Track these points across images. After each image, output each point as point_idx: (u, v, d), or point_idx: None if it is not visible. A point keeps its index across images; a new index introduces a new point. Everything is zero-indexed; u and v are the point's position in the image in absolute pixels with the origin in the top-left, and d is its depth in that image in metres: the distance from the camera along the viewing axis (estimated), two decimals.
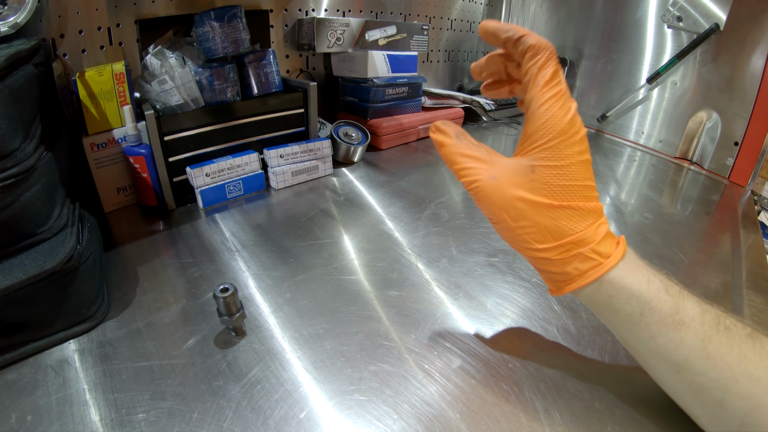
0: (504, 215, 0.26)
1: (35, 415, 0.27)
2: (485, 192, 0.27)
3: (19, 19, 0.43)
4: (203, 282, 0.40)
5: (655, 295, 0.25)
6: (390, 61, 0.78)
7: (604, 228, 0.27)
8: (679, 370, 0.25)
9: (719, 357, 0.23)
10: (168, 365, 0.31)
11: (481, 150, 0.28)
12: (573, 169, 0.26)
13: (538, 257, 0.27)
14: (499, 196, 0.26)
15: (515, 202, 0.26)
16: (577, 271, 0.26)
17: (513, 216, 0.26)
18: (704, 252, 0.51)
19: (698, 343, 0.24)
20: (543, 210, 0.26)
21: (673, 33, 0.82)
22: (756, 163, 0.70)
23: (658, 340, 0.25)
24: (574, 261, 0.26)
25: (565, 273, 0.26)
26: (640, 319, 0.25)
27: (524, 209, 0.26)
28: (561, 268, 0.26)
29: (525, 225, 0.26)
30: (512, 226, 0.27)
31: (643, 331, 0.25)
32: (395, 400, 0.28)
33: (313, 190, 0.61)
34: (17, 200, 0.30)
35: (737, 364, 0.23)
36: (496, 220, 0.27)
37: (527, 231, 0.26)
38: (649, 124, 0.90)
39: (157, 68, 0.52)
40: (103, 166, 0.50)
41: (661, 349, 0.25)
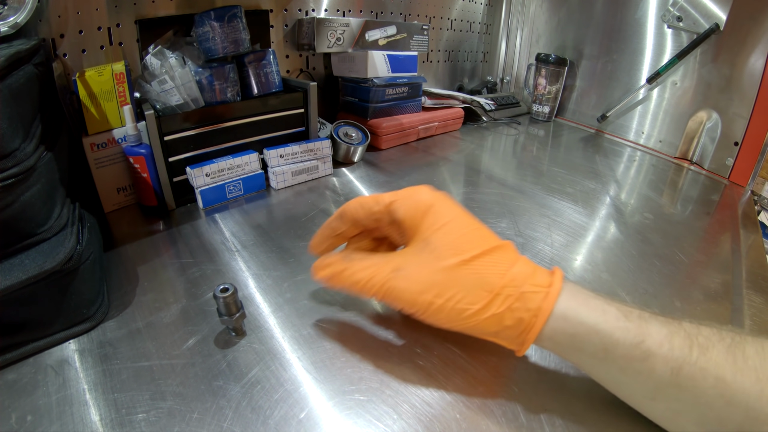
0: (428, 297, 0.26)
1: (35, 415, 0.27)
2: (399, 287, 0.26)
3: (19, 19, 0.43)
4: (203, 282, 0.40)
5: (615, 326, 0.24)
6: (390, 61, 0.78)
7: (525, 261, 0.26)
8: (653, 398, 0.24)
9: (692, 385, 0.22)
10: (168, 365, 0.31)
11: (371, 257, 0.28)
12: (458, 222, 0.27)
13: (484, 319, 0.25)
14: (414, 282, 0.26)
15: (431, 277, 0.25)
16: (529, 313, 0.25)
17: (438, 292, 0.25)
18: (704, 252, 0.51)
19: (668, 373, 0.23)
20: (460, 269, 0.25)
21: (673, 33, 0.82)
22: (756, 163, 0.70)
23: (628, 372, 0.24)
24: (520, 304, 0.25)
25: (518, 322, 0.25)
26: (605, 355, 0.24)
27: (443, 279, 0.25)
28: (512, 319, 0.25)
29: (453, 294, 0.25)
30: (441, 303, 0.25)
31: (611, 366, 0.24)
32: (395, 400, 0.28)
33: (313, 190, 0.61)
34: (17, 200, 0.30)
35: (713, 391, 0.22)
36: (423, 308, 0.26)
37: (458, 299, 0.25)
38: (649, 124, 0.90)
39: (157, 68, 0.52)
40: (103, 166, 0.50)
41: (632, 381, 0.24)
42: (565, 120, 1.10)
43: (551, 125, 1.06)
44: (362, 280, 0.28)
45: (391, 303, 0.27)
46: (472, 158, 0.79)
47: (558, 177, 0.69)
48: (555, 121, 1.10)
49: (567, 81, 1.05)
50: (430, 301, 0.26)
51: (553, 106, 1.07)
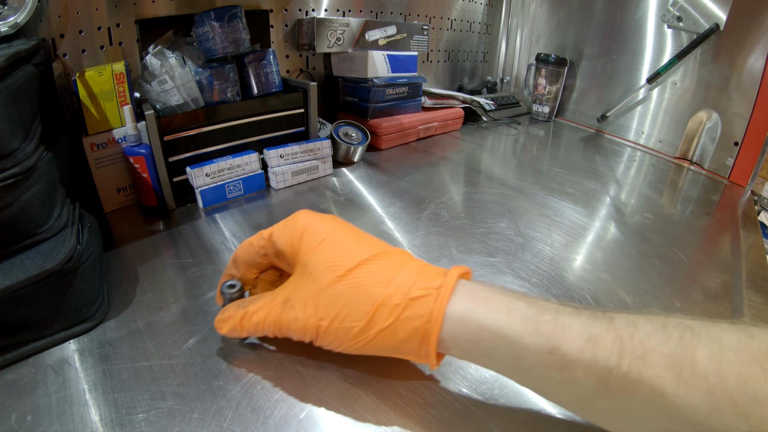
0: (315, 321, 0.25)
1: (35, 415, 0.27)
2: (289, 317, 0.26)
3: (19, 19, 0.43)
4: (203, 282, 0.40)
5: (522, 330, 0.21)
6: (390, 61, 0.78)
7: (413, 265, 0.25)
8: (584, 406, 0.21)
9: (624, 399, 0.19)
10: (168, 365, 0.31)
11: (263, 297, 0.29)
12: (333, 238, 0.26)
13: (374, 335, 0.24)
14: (301, 310, 0.25)
15: (314, 300, 0.25)
16: (422, 320, 0.23)
17: (322, 315, 0.25)
18: (704, 252, 0.51)
19: (592, 383, 0.20)
20: (338, 286, 0.24)
21: (673, 33, 0.82)
22: (756, 163, 0.70)
23: (547, 382, 0.21)
24: (410, 312, 0.23)
25: (414, 333, 0.23)
26: (516, 362, 0.21)
27: (325, 300, 0.24)
28: (404, 330, 0.23)
29: (336, 314, 0.24)
30: (327, 325, 0.25)
31: (526, 374, 0.22)
32: (395, 400, 0.28)
33: (313, 190, 0.61)
34: (17, 200, 0.30)
35: (649, 405, 0.19)
36: (314, 333, 0.26)
37: (342, 318, 0.24)
38: (649, 124, 0.90)
39: (157, 68, 0.52)
40: (103, 166, 0.50)
41: (554, 390, 0.21)
42: (565, 120, 1.10)
43: (551, 125, 1.06)
44: (259, 321, 0.28)
45: (290, 336, 0.27)
46: (472, 158, 0.79)
47: (558, 177, 0.69)
48: (555, 121, 1.10)
49: (567, 81, 1.05)
50: (318, 325, 0.25)
51: (553, 106, 1.07)
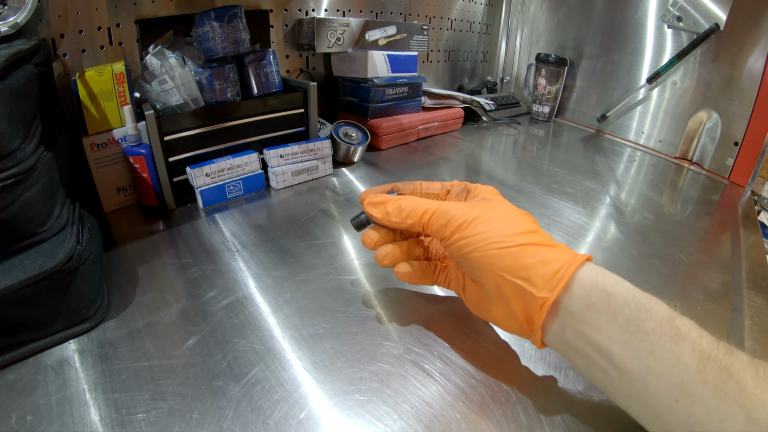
0: (467, 217, 0.27)
1: (35, 415, 0.27)
2: (445, 210, 0.28)
3: (19, 19, 0.43)
4: (203, 282, 0.40)
5: (647, 298, 0.23)
6: (390, 61, 0.78)
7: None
8: (678, 398, 0.21)
9: (717, 385, 0.20)
10: (168, 365, 0.31)
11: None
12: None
13: (520, 244, 0.25)
14: (455, 209, 0.28)
15: (477, 207, 0.28)
16: (565, 256, 0.25)
17: (478, 215, 0.27)
18: (704, 252, 0.51)
19: (695, 363, 0.21)
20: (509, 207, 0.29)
21: (673, 33, 0.82)
22: (756, 163, 0.70)
23: (658, 354, 0.22)
24: (554, 247, 0.25)
25: (552, 260, 0.25)
26: (638, 325, 0.22)
27: (488, 208, 0.27)
28: (546, 255, 0.25)
29: (490, 218, 0.27)
30: (478, 221, 0.27)
31: (643, 342, 0.22)
32: (395, 400, 0.28)
33: (313, 190, 0.61)
34: (17, 200, 0.30)
35: (735, 398, 0.20)
36: (457, 223, 0.27)
37: (493, 221, 0.27)
38: (649, 124, 0.90)
39: (157, 68, 0.52)
40: (103, 166, 0.50)
41: (660, 367, 0.22)
42: (565, 120, 1.10)
43: (551, 125, 1.06)
44: (413, 205, 0.29)
45: (432, 222, 0.28)
46: (472, 158, 0.79)
47: (558, 177, 0.69)
48: (555, 121, 1.10)
49: (567, 81, 1.05)
50: (477, 216, 0.27)
51: (553, 106, 1.07)
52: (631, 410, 0.24)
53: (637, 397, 0.23)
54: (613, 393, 0.24)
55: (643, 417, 0.23)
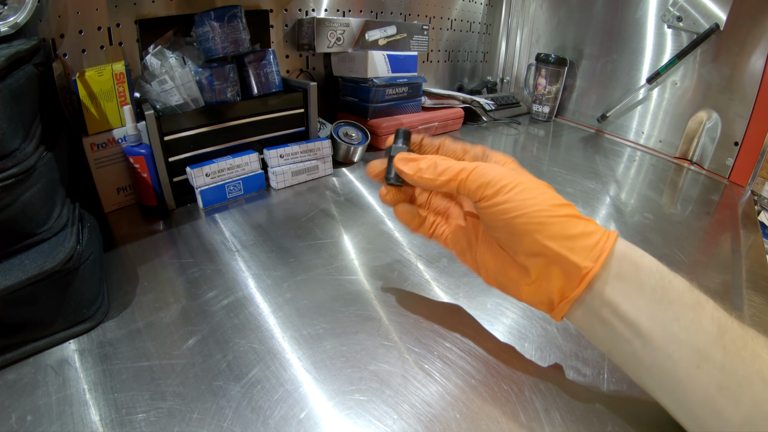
0: (502, 182, 0.26)
1: (35, 415, 0.27)
2: (480, 172, 0.27)
3: (19, 19, 0.43)
4: (203, 282, 0.40)
5: (669, 271, 0.24)
6: (390, 61, 0.78)
7: None
8: (700, 364, 0.22)
9: (734, 350, 0.22)
10: (168, 365, 0.31)
11: None
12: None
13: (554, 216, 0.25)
14: (494, 173, 0.26)
15: (512, 176, 0.26)
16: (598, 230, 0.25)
17: (512, 182, 0.26)
18: (704, 252, 0.51)
19: (715, 330, 0.22)
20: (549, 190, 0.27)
21: (673, 33, 0.82)
22: (756, 163, 0.70)
23: (681, 321, 0.23)
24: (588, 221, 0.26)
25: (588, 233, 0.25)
26: (663, 294, 0.24)
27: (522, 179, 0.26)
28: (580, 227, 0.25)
29: (526, 188, 0.26)
30: (512, 188, 0.26)
31: (667, 311, 0.23)
32: (395, 400, 0.28)
33: (313, 190, 0.61)
34: (17, 200, 0.30)
35: (751, 363, 0.21)
36: (495, 189, 0.26)
37: (528, 190, 0.26)
38: (649, 124, 0.90)
39: (157, 68, 0.52)
40: (103, 166, 0.50)
41: (684, 334, 0.23)
42: (565, 120, 1.10)
43: (551, 125, 1.06)
44: (448, 162, 0.28)
45: (467, 183, 0.27)
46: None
47: (558, 177, 0.69)
48: (555, 121, 1.10)
49: (567, 81, 1.05)
50: (504, 185, 0.26)
51: (553, 106, 1.07)
52: (650, 383, 0.25)
53: (660, 366, 0.24)
54: (634, 365, 0.25)
55: (662, 389, 0.24)
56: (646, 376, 0.25)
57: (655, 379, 0.24)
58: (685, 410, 0.24)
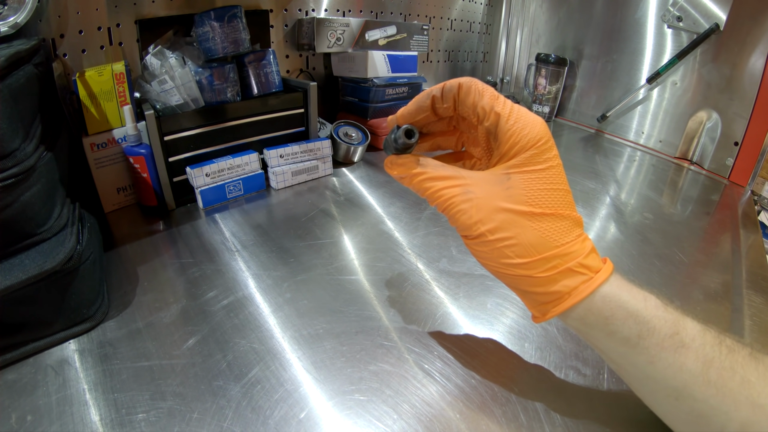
0: (483, 229, 0.25)
1: (35, 415, 0.27)
2: (462, 208, 0.25)
3: (19, 19, 0.43)
4: (203, 282, 0.40)
5: (653, 314, 0.24)
6: (390, 61, 0.78)
7: (589, 243, 0.25)
8: (678, 397, 0.23)
9: (721, 383, 0.22)
10: (168, 365, 0.31)
11: (448, 169, 0.27)
12: (552, 173, 0.25)
13: (519, 275, 0.25)
14: (477, 210, 0.25)
15: (495, 213, 0.24)
16: (566, 288, 0.24)
17: (493, 229, 0.24)
18: (704, 252, 0.51)
19: (699, 368, 0.22)
20: (525, 220, 0.24)
21: (673, 33, 0.82)
22: (756, 163, 0.70)
23: (657, 365, 0.23)
24: (562, 278, 0.24)
25: (551, 293, 0.25)
26: (638, 341, 0.23)
27: (504, 220, 0.24)
28: (546, 287, 0.24)
29: (506, 237, 0.24)
30: (492, 239, 0.25)
31: (640, 355, 0.23)
32: (395, 400, 0.28)
33: (313, 190, 0.61)
34: (17, 200, 0.30)
35: (740, 390, 0.22)
36: (474, 236, 0.25)
37: (507, 244, 0.24)
38: (649, 124, 0.90)
39: (157, 68, 0.52)
40: (103, 166, 0.50)
41: (660, 375, 0.23)
42: (565, 120, 1.10)
43: (551, 125, 1.06)
44: (431, 188, 0.27)
45: (449, 218, 0.26)
46: None
47: None
48: (555, 121, 1.10)
49: (567, 81, 1.05)
50: (482, 233, 0.25)
51: (553, 106, 1.07)
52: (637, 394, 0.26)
53: (638, 392, 0.26)
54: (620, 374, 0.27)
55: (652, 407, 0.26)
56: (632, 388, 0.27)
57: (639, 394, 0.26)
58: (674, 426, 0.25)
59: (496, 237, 0.24)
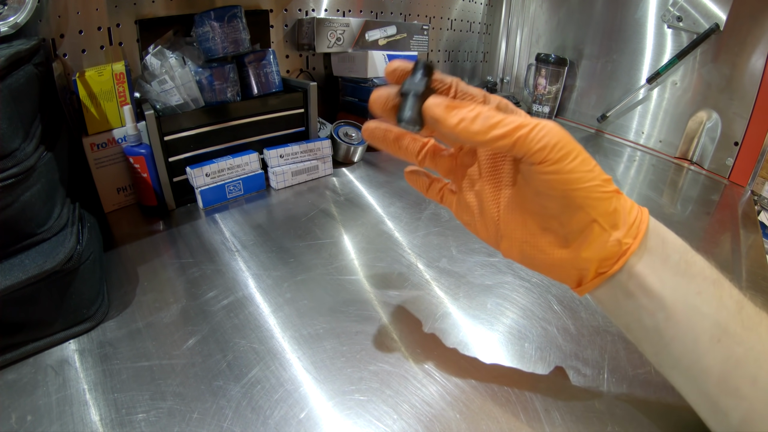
0: (576, 148, 0.23)
1: (35, 415, 0.27)
2: (549, 128, 0.23)
3: (19, 19, 0.43)
4: (203, 282, 0.40)
5: (689, 248, 0.25)
6: (390, 61, 0.78)
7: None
8: (720, 338, 0.23)
9: (752, 326, 0.22)
10: (168, 365, 0.31)
11: None
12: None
13: (615, 190, 0.24)
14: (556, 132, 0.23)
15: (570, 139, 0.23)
16: (634, 211, 0.25)
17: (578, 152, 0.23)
18: (704, 252, 0.50)
19: (734, 306, 0.23)
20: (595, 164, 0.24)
21: (673, 33, 0.82)
22: (756, 163, 0.70)
23: (704, 295, 0.23)
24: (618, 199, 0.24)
25: (627, 212, 0.24)
26: (686, 269, 0.24)
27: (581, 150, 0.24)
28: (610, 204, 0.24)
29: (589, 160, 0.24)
30: (589, 157, 0.23)
31: (690, 283, 0.24)
32: (395, 400, 0.28)
33: (313, 190, 0.61)
34: (17, 200, 0.30)
35: (767, 338, 0.22)
36: (566, 153, 0.23)
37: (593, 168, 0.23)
38: (649, 124, 0.90)
39: (157, 68, 0.52)
40: (103, 166, 0.50)
41: (705, 307, 0.23)
42: (565, 120, 1.10)
43: None
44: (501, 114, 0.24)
45: (534, 137, 0.23)
46: None
47: None
48: (555, 121, 1.10)
49: (567, 81, 1.05)
50: (581, 150, 0.23)
51: (553, 106, 1.07)
52: (667, 360, 0.25)
53: (681, 340, 0.24)
54: (654, 339, 0.25)
55: (679, 366, 0.24)
56: (664, 353, 0.25)
57: (673, 355, 0.24)
58: (700, 389, 0.24)
59: (579, 157, 0.23)
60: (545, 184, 0.24)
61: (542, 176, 0.24)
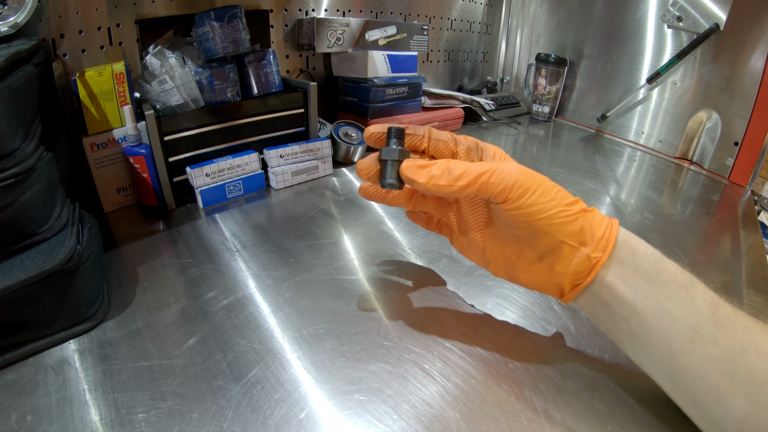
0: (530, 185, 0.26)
1: (35, 415, 0.27)
2: (507, 168, 0.26)
3: (19, 19, 0.43)
4: (203, 282, 0.40)
5: (662, 255, 0.26)
6: (390, 61, 0.78)
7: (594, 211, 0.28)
8: (693, 338, 0.24)
9: (727, 325, 0.23)
10: (168, 365, 0.31)
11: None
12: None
13: (555, 219, 0.26)
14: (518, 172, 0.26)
15: (536, 178, 0.27)
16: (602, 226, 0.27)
17: (536, 185, 0.26)
18: (704, 252, 0.51)
19: (707, 308, 0.24)
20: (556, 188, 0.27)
21: (673, 33, 0.82)
22: (756, 163, 0.70)
23: (674, 300, 0.25)
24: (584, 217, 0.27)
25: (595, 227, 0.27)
26: (657, 276, 0.25)
27: (541, 180, 0.27)
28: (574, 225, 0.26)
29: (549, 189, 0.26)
30: (541, 191, 0.26)
31: (661, 290, 0.25)
32: (395, 400, 0.28)
33: (313, 190, 0.61)
34: (17, 200, 0.30)
35: (744, 336, 0.23)
36: (522, 191, 0.26)
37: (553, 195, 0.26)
38: (649, 124, 0.90)
39: (157, 68, 0.52)
40: (103, 166, 0.50)
41: (677, 311, 0.24)
42: (565, 120, 1.10)
43: (551, 125, 1.06)
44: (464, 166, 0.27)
45: (493, 182, 0.26)
46: None
47: (558, 177, 0.69)
48: (555, 121, 1.10)
49: (567, 81, 1.05)
50: (541, 182, 0.26)
51: (553, 106, 1.07)
52: (646, 360, 0.27)
53: (655, 342, 0.25)
54: (630, 342, 0.27)
55: (657, 366, 0.26)
56: (642, 353, 0.26)
57: (650, 355, 0.26)
58: (680, 386, 0.25)
59: (538, 191, 0.26)
60: (511, 219, 0.27)
61: (507, 213, 0.27)
